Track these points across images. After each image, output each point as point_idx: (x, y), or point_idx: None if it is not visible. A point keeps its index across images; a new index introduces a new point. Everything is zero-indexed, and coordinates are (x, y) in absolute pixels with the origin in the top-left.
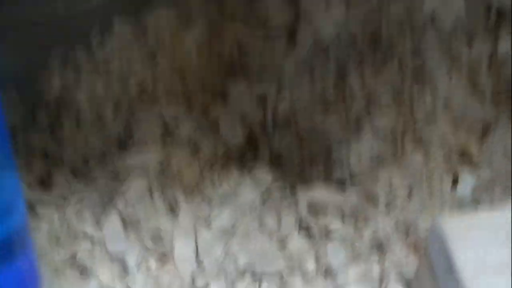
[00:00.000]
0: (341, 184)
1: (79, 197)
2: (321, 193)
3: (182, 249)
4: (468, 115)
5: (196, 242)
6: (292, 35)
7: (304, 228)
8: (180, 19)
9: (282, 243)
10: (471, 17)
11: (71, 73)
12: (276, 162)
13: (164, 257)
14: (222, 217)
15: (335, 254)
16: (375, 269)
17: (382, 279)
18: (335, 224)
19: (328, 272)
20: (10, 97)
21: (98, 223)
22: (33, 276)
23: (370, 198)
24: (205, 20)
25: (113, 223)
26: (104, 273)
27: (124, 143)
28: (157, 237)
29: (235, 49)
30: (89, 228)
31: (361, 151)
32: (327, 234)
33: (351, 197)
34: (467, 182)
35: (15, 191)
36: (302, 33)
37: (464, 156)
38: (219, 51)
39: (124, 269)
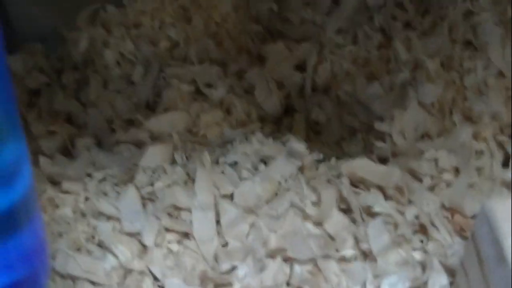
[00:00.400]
0: (383, 159)
1: (102, 174)
2: (362, 168)
3: (204, 228)
4: None
5: (219, 220)
6: None
7: (344, 207)
8: None
9: (318, 223)
10: None
11: (100, 33)
12: (314, 130)
13: (185, 236)
14: (251, 191)
15: (375, 237)
16: (418, 254)
17: (424, 265)
18: (376, 204)
19: (367, 256)
20: (36, 58)
21: (118, 200)
22: (39, 247)
23: (414, 176)
24: None
25: (132, 200)
26: (122, 251)
27: (153, 105)
28: (176, 214)
29: (273, 11)
30: (109, 206)
31: (405, 123)
32: (368, 214)
33: (393, 174)
34: None
35: (20, 159)
36: None
37: None
38: (257, 13)
39: (143, 247)
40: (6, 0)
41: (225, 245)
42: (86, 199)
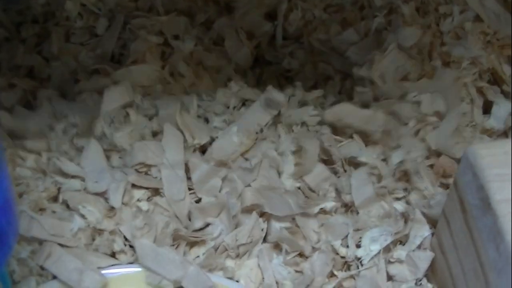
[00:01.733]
0: (365, 105)
1: (63, 124)
2: (346, 114)
3: (174, 185)
4: (499, 33)
5: (190, 175)
6: None
7: (325, 158)
8: None
9: (299, 176)
10: None
11: None
12: (285, 78)
13: (155, 193)
14: (224, 144)
15: (358, 188)
16: (400, 205)
17: (406, 217)
18: (360, 153)
19: (348, 209)
20: None
21: (81, 156)
22: (6, 207)
23: (398, 119)
24: None
25: (96, 155)
26: (90, 211)
27: (118, 58)
28: (145, 170)
29: None
30: (72, 165)
31: (385, 66)
32: (350, 164)
33: (378, 117)
34: (499, 107)
35: None
36: None
37: (497, 78)
38: None
39: (110, 206)
40: None
41: (198, 201)
42: (48, 157)
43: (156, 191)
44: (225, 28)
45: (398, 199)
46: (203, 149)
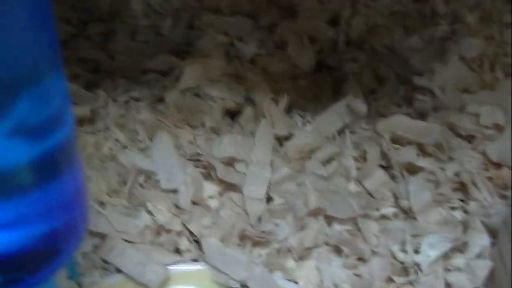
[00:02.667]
0: (422, 114)
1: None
2: (400, 126)
3: (257, 182)
4: None
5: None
6: None
7: (385, 163)
8: None
9: (360, 181)
10: None
11: None
12: (347, 87)
13: (229, 189)
14: (298, 144)
15: (416, 194)
16: (458, 214)
17: (465, 225)
18: (417, 160)
19: (407, 214)
20: (61, 8)
21: (152, 147)
22: (79, 195)
23: (455, 131)
24: None
25: (167, 146)
26: (158, 208)
27: (183, 56)
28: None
29: None
30: (143, 157)
31: (446, 77)
32: (409, 170)
33: (433, 130)
34: None
35: (63, 103)
36: None
37: None
38: None
39: (179, 203)
40: None
41: (269, 200)
42: (114, 143)
43: (232, 187)
44: (288, 32)
45: (455, 208)
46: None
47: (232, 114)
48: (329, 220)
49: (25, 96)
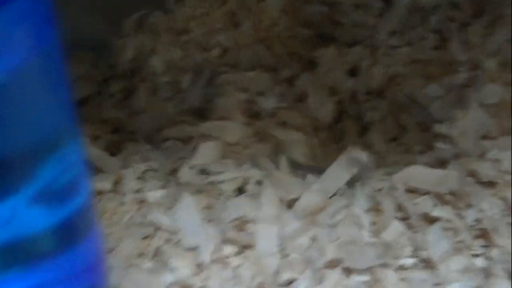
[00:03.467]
0: (443, 163)
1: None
2: (420, 173)
3: (268, 240)
4: None
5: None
6: None
7: (401, 215)
8: None
9: (376, 232)
10: None
11: (147, 40)
12: (369, 137)
13: (245, 247)
14: (309, 201)
15: (435, 243)
16: (479, 261)
17: (487, 273)
18: (434, 209)
19: (427, 264)
20: (83, 65)
21: (176, 209)
22: (98, 262)
23: (475, 178)
24: None
25: (190, 208)
26: (181, 266)
27: (203, 113)
28: (241, 226)
29: (324, 14)
30: (162, 217)
31: (466, 124)
32: (426, 220)
33: (449, 178)
34: None
35: (80, 170)
36: None
37: None
38: (307, 17)
39: (200, 261)
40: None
41: (285, 257)
42: (139, 207)
43: (247, 246)
44: (308, 84)
45: (477, 255)
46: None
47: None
48: (349, 271)
49: (45, 164)
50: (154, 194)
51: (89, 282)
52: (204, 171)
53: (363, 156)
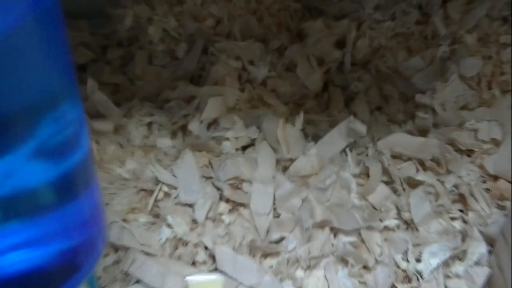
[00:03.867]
0: (424, 132)
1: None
2: (403, 140)
3: (262, 200)
4: None
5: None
6: None
7: (386, 179)
8: None
9: (363, 196)
10: None
11: (144, 10)
12: (354, 106)
13: (239, 205)
14: (304, 164)
15: (417, 206)
16: (457, 224)
17: (464, 234)
18: (418, 174)
19: (408, 226)
20: (81, 34)
21: (176, 165)
22: (96, 214)
23: (454, 146)
24: None
25: (190, 165)
26: (178, 222)
27: (197, 80)
28: (237, 185)
29: None
30: (166, 173)
31: (446, 95)
32: (409, 184)
33: (433, 145)
34: None
35: (79, 127)
36: None
37: None
38: None
39: (196, 218)
40: None
41: (276, 216)
42: (140, 163)
43: (242, 204)
44: (297, 54)
45: (455, 218)
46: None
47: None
48: (335, 232)
49: (45, 120)
50: (163, 141)
51: (88, 234)
52: (211, 125)
53: (362, 128)
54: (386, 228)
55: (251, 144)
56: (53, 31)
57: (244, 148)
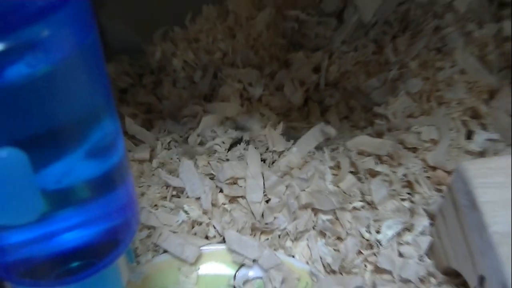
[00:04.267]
0: (380, 134)
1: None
2: (365, 141)
3: (255, 192)
4: (478, 82)
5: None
6: (340, 18)
7: (353, 170)
8: (253, 4)
9: (336, 183)
10: (480, 3)
11: (169, 47)
12: (327, 116)
13: (237, 196)
14: (288, 160)
15: (376, 191)
16: (407, 204)
17: (412, 212)
18: (376, 166)
19: (370, 206)
20: (123, 65)
21: (180, 170)
22: (131, 201)
23: (403, 145)
24: (272, 5)
25: (191, 170)
26: (191, 208)
27: (209, 98)
28: (233, 182)
29: (295, 29)
30: (174, 178)
31: (396, 107)
32: (370, 174)
33: (388, 144)
34: (478, 135)
35: (117, 134)
36: (347, 16)
37: (476, 114)
38: (283, 30)
39: (205, 207)
40: (101, 21)
41: (267, 201)
42: (158, 166)
43: (240, 196)
44: (284, 78)
45: (404, 199)
46: (273, 164)
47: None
48: (315, 212)
49: (92, 131)
50: (173, 157)
51: (125, 216)
52: (204, 137)
53: (331, 130)
54: (354, 208)
55: (238, 141)
56: (95, 62)
57: (231, 146)
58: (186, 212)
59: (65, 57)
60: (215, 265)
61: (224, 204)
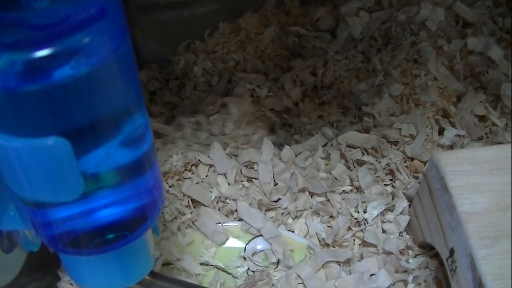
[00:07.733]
0: (367, 130)
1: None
2: (354, 135)
3: (266, 175)
4: (448, 87)
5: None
6: (333, 33)
7: (343, 160)
8: (260, 22)
9: (328, 171)
10: (448, 23)
11: (191, 57)
12: (321, 109)
13: (253, 179)
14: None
15: (363, 177)
16: (389, 188)
17: (393, 195)
18: (363, 157)
19: (358, 190)
20: (153, 72)
21: (210, 150)
22: (157, 183)
23: (386, 139)
24: (277, 23)
25: (219, 150)
26: (220, 184)
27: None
28: (250, 164)
29: (296, 42)
30: (205, 157)
31: (381, 107)
32: (358, 163)
33: (373, 139)
34: (448, 131)
35: (145, 127)
36: (340, 31)
37: (446, 114)
38: (286, 44)
39: (229, 182)
40: (135, 37)
41: (275, 185)
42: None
43: (254, 178)
44: (286, 79)
45: (387, 185)
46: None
47: None
48: (311, 194)
49: (126, 123)
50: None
51: (152, 196)
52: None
53: (329, 132)
54: (344, 191)
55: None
56: (129, 66)
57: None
58: (217, 186)
59: (103, 61)
60: (230, 239)
61: (242, 181)
